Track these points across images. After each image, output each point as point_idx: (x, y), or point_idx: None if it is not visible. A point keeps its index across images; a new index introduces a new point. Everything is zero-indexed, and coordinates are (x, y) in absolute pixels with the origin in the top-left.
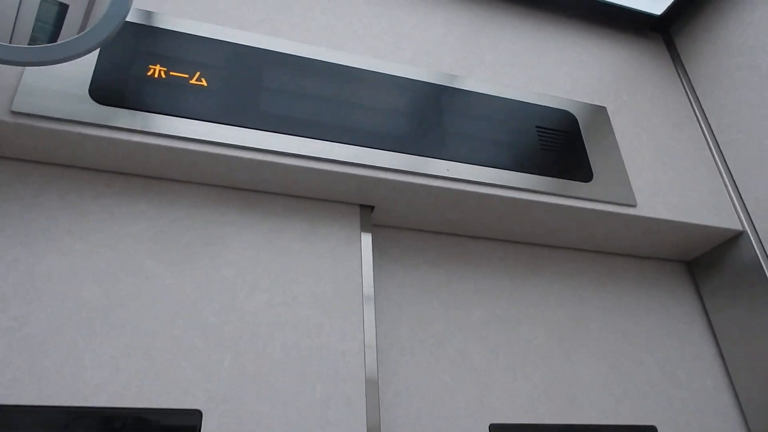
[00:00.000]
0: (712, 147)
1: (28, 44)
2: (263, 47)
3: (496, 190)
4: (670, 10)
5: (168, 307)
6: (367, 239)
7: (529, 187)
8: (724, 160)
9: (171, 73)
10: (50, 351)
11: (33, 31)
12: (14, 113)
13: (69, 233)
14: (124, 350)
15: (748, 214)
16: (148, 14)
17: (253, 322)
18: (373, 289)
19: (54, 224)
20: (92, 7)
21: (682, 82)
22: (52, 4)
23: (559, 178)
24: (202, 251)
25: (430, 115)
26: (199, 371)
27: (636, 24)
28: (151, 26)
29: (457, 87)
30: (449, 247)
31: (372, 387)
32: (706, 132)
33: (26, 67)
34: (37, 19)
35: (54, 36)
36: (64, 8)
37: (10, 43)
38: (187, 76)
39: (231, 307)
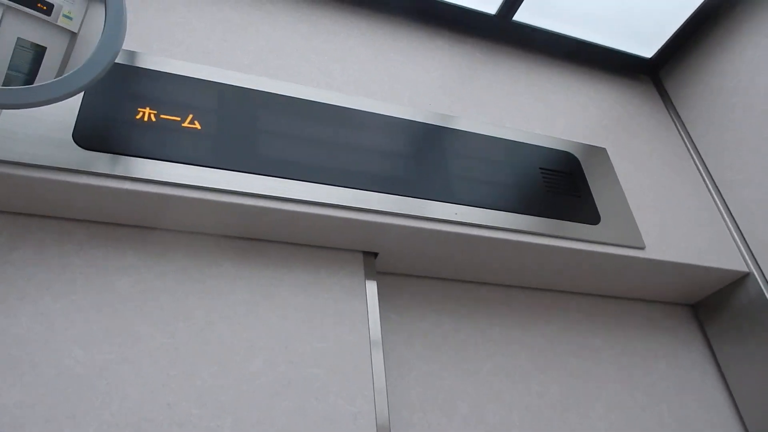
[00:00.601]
0: (710, 188)
1: (2, 85)
2: (258, 89)
3: (506, 234)
4: (660, 53)
5: (159, 371)
6: (372, 287)
7: (539, 231)
8: (724, 201)
9: (162, 116)
10: (27, 426)
11: (8, 70)
12: None
13: (47, 291)
14: (112, 422)
15: (753, 255)
16: (136, 55)
17: (254, 385)
18: (381, 342)
19: (30, 281)
20: (71, 51)
21: (675, 124)
22: (29, 46)
23: (567, 220)
24: (196, 307)
25: (433, 157)
26: None
27: (627, 67)
28: (139, 67)
29: (458, 128)
30: (456, 293)
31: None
32: (703, 173)
33: (2, 111)
34: (12, 61)
35: (30, 79)
36: (41, 50)
37: None
38: (179, 119)
39: (228, 370)
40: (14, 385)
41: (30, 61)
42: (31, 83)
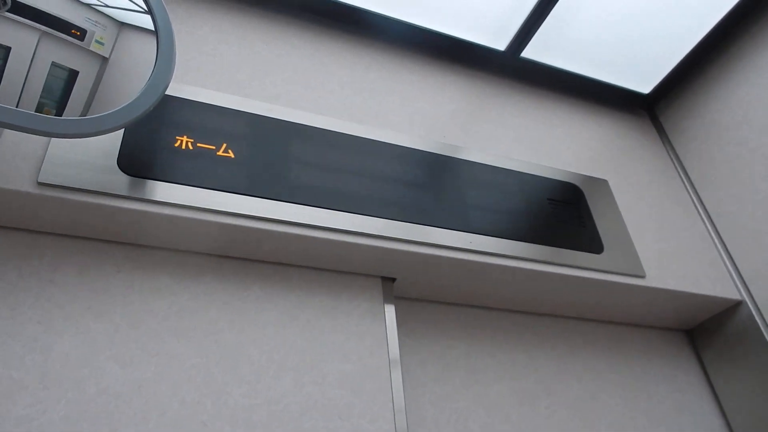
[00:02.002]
0: (704, 219)
1: (35, 110)
2: (285, 119)
3: (517, 262)
4: (657, 89)
5: (194, 390)
6: (390, 311)
7: (548, 259)
8: (718, 232)
9: (198, 144)
10: None
11: (41, 96)
12: (41, 184)
13: (88, 310)
14: None
15: (745, 283)
16: (173, 85)
17: (282, 404)
18: (400, 365)
19: (72, 301)
20: (102, 75)
21: (670, 157)
22: (63, 70)
23: (574, 249)
24: (227, 328)
25: (448, 187)
26: None
27: (625, 102)
28: (177, 97)
29: (471, 159)
30: (467, 318)
31: None
32: (698, 204)
33: (51, 138)
34: (45, 84)
35: (62, 102)
36: (74, 74)
37: (17, 107)
38: (214, 147)
39: (259, 389)
40: (60, 401)
41: (63, 84)
42: (63, 106)
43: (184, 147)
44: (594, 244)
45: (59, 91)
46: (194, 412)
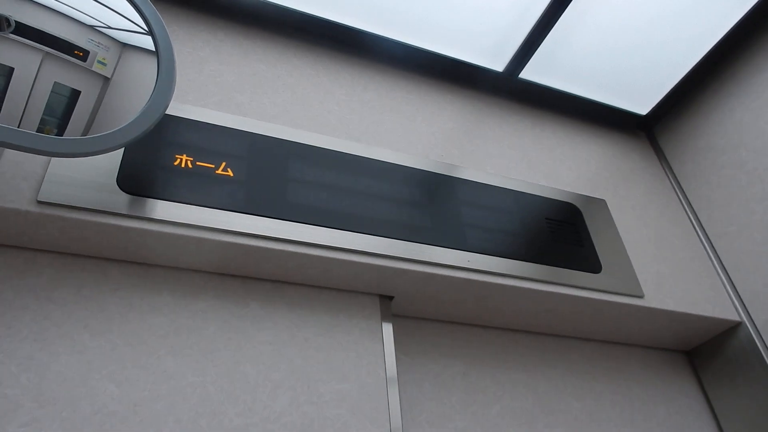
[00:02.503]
0: (703, 240)
1: (37, 130)
2: (284, 138)
3: (515, 281)
4: (655, 110)
5: (190, 409)
6: (388, 329)
7: (546, 279)
8: (716, 253)
9: (198, 163)
10: None
11: (43, 116)
12: (40, 203)
13: (86, 328)
14: None
15: (744, 305)
16: (174, 104)
17: (278, 423)
18: (397, 384)
19: (69, 319)
20: (104, 95)
21: (669, 178)
22: (65, 90)
23: (572, 269)
24: (225, 347)
25: (446, 206)
26: None
27: (623, 123)
28: (176, 116)
29: (468, 179)
30: (465, 337)
31: None
32: (696, 225)
33: (53, 157)
34: (47, 104)
35: (64, 121)
36: (76, 94)
37: (18, 127)
38: (213, 166)
39: (255, 408)
40: (55, 421)
41: (65, 104)
42: (65, 126)
43: (183, 165)
44: (592, 264)
45: (61, 110)
46: (190, 431)
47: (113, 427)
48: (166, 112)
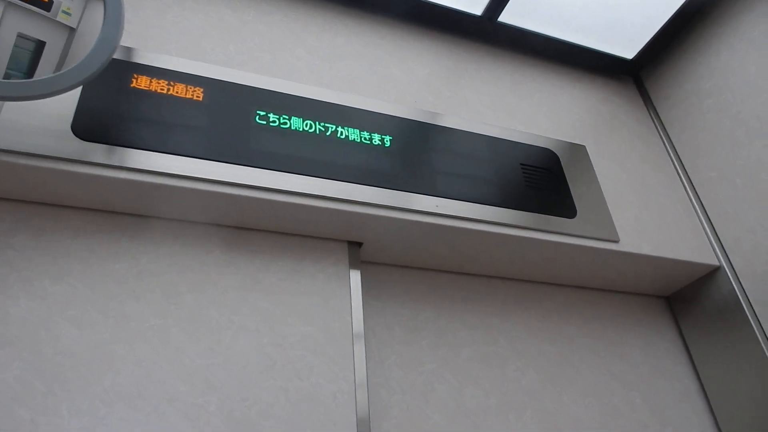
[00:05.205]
0: (686, 186)
1: (2, 79)
2: (250, 85)
3: (486, 226)
4: (641, 54)
5: (151, 350)
6: (356, 276)
7: (517, 224)
8: (699, 199)
9: (156, 110)
10: (25, 400)
11: (7, 67)
12: None
13: (46, 274)
14: (105, 398)
15: (725, 250)
16: (133, 51)
17: (240, 365)
18: (363, 327)
19: (30, 265)
20: (70, 46)
21: (654, 124)
22: (29, 41)
23: (545, 214)
24: (187, 291)
25: (417, 152)
26: (185, 417)
27: (609, 67)
28: (137, 63)
29: (442, 125)
30: (436, 283)
31: (363, 429)
32: (680, 171)
33: (5, 102)
34: (12, 56)
35: (30, 72)
36: (41, 45)
37: None
38: (172, 111)
39: (218, 349)
40: (15, 361)
41: (30, 55)
42: (31, 77)
43: (141, 112)
44: (566, 209)
45: (26, 62)
46: (150, 372)
47: (73, 368)
48: (127, 59)
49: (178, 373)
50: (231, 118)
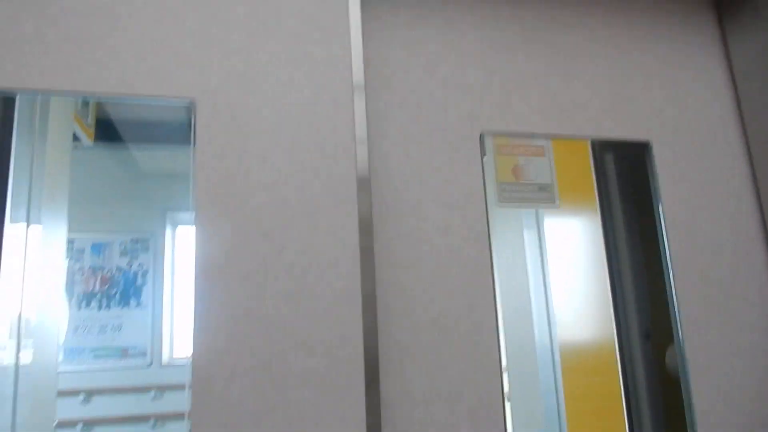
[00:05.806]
0: None
1: None
2: None
3: None
4: None
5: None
6: None
7: None
8: None
9: None
10: (50, 44)
11: None
12: None
13: None
14: (125, 39)
15: None
16: None
17: (241, 27)
18: (359, 11)
19: None
20: None
21: None
22: None
23: None
24: None
25: None
26: (191, 65)
27: None
28: None
29: None
30: None
31: (359, 92)
32: None
33: None
34: None
35: None
36: None
37: None
38: None
39: (217, 13)
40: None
41: None
42: None
43: None
44: None
45: None
46: (159, 24)
47: (92, 16)
48: None
49: (181, 29)
50: None
